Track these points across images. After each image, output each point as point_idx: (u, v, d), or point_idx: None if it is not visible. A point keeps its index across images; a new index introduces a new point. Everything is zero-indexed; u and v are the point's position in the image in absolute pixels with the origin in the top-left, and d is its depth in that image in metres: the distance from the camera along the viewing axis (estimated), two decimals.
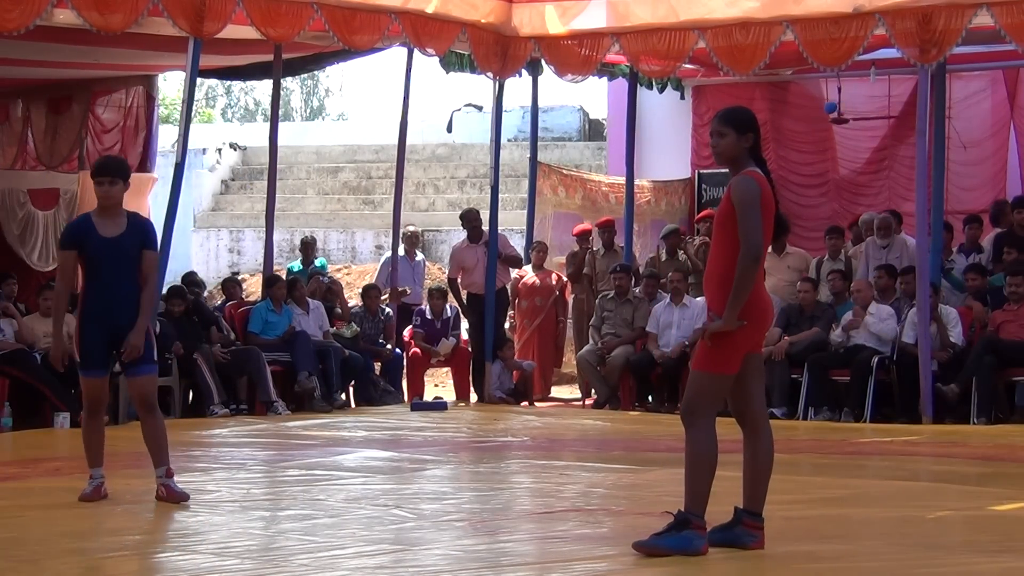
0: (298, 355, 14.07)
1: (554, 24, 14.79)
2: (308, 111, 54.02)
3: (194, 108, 16.23)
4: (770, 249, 15.27)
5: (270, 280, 14.87)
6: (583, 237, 16.47)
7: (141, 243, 7.81)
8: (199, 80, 18.39)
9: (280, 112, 16.05)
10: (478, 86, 35.02)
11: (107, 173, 7.77)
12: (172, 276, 14.74)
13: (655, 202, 17.98)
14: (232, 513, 7.59)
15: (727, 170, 6.42)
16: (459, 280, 16.03)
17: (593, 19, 14.59)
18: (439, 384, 17.96)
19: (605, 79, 17.31)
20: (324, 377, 14.22)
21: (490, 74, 15.28)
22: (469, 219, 15.90)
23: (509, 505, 8.09)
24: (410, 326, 15.69)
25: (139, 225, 7.88)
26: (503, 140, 17.15)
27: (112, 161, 8.04)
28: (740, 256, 6.07)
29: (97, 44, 13.54)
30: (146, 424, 7.96)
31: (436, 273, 21.37)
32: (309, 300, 14.86)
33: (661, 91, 17.53)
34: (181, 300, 13.91)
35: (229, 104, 52.90)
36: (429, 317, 15.64)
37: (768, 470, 6.29)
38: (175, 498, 7.81)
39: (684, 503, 6.13)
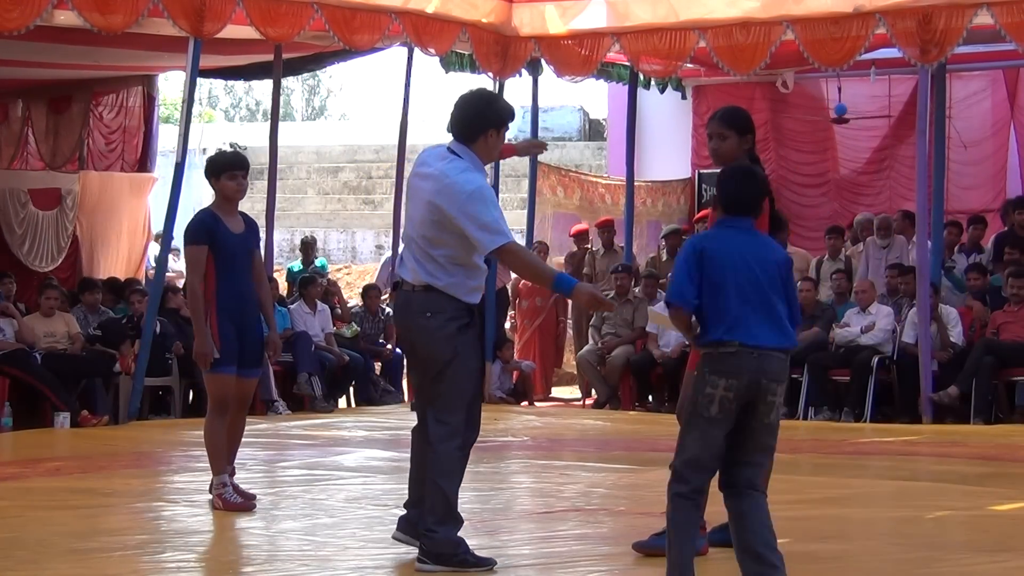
0: (298, 356, 14.08)
1: (554, 24, 14.78)
2: (309, 111, 54.01)
3: (195, 109, 16.22)
4: None
5: None
6: (581, 237, 16.46)
7: (255, 243, 7.82)
8: (200, 80, 18.38)
9: (280, 112, 16.05)
10: (478, 86, 34.76)
11: (243, 167, 7.69)
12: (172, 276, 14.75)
13: (651, 203, 17.98)
14: (232, 513, 7.59)
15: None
16: None
17: (593, 19, 14.59)
18: None
19: (603, 79, 17.30)
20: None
21: (490, 74, 15.28)
22: None
23: (509, 505, 8.09)
24: None
25: (252, 224, 7.83)
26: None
27: (242, 156, 7.91)
28: None
29: (97, 44, 13.54)
30: (236, 422, 7.75)
31: None
32: (317, 302, 14.88)
33: (662, 91, 17.53)
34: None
35: (232, 104, 52.90)
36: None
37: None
38: (244, 497, 7.67)
39: None
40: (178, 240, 15.98)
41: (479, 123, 5.98)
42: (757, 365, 5.04)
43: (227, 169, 7.64)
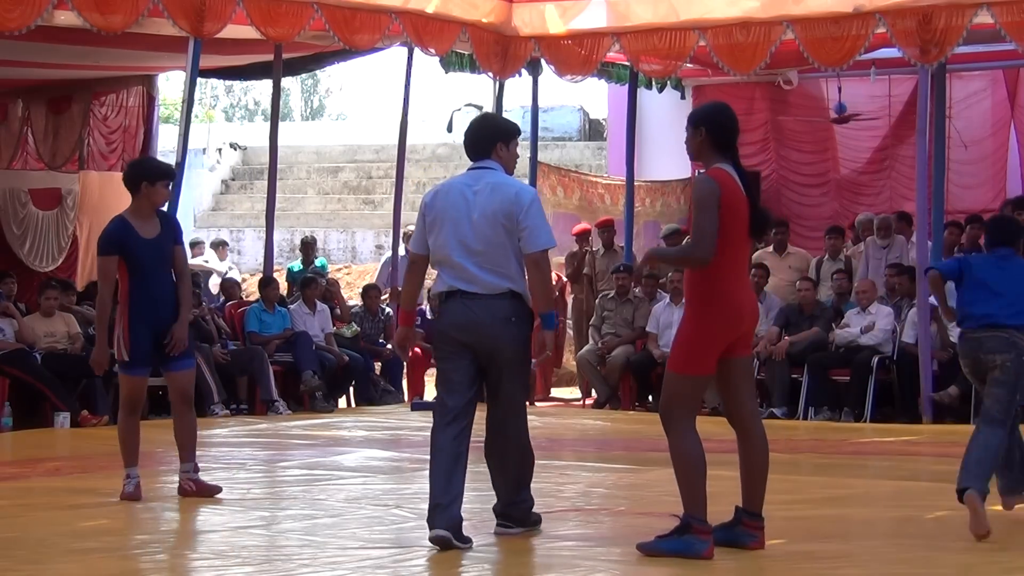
0: (300, 355, 14.09)
1: (554, 24, 14.78)
2: (308, 111, 54.00)
3: (196, 109, 16.23)
4: (771, 249, 15.34)
5: (265, 281, 14.89)
6: (582, 237, 16.46)
7: (173, 240, 8.03)
8: (200, 80, 18.38)
9: (280, 112, 16.05)
10: (478, 86, 34.90)
11: (171, 176, 8.07)
12: None
13: (649, 203, 17.97)
14: (232, 513, 7.59)
15: None
16: None
17: (593, 19, 14.59)
18: None
19: (604, 80, 17.30)
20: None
21: (490, 74, 15.28)
22: None
23: None
24: None
25: (170, 222, 8.10)
26: None
27: (169, 164, 8.31)
28: (687, 249, 6.35)
29: (97, 44, 13.53)
30: (182, 419, 8.12)
31: None
32: (317, 302, 14.88)
33: (660, 91, 17.52)
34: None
35: (232, 104, 52.89)
36: (429, 317, 15.63)
37: (763, 470, 6.27)
38: (207, 491, 7.93)
39: (683, 507, 6.11)
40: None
41: (488, 138, 6.70)
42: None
43: (163, 177, 8.00)
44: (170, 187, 8.11)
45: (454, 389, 6.63)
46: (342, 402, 14.87)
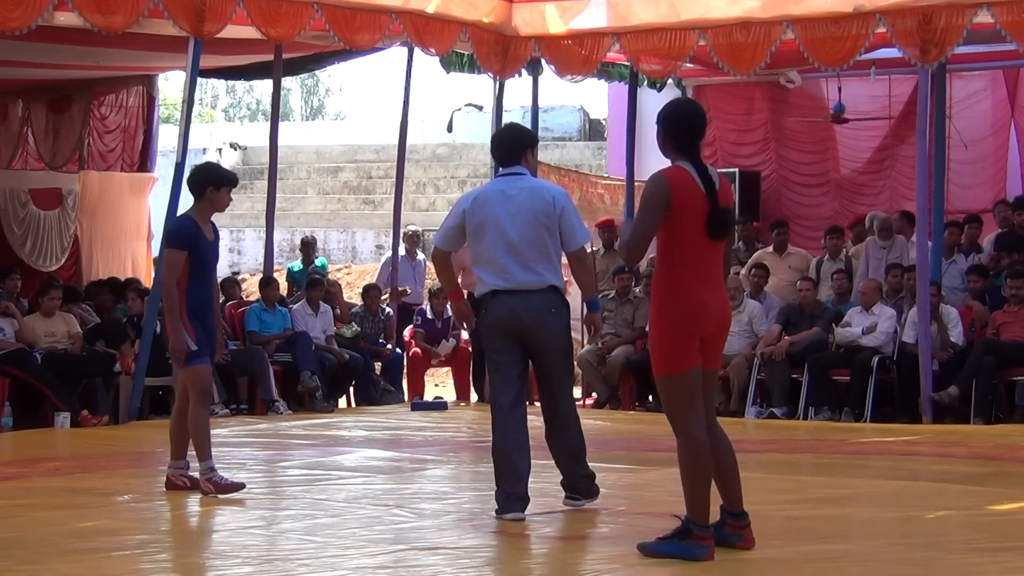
0: (299, 355, 14.09)
1: (555, 24, 14.78)
2: (308, 111, 54.01)
3: (196, 109, 16.23)
4: (771, 249, 15.34)
5: (265, 281, 14.90)
6: None
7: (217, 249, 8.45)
8: (201, 80, 18.38)
9: (280, 112, 16.05)
10: (478, 86, 35.00)
11: (235, 183, 8.41)
12: None
13: None
14: (232, 513, 7.60)
15: (724, 167, 6.45)
16: (459, 280, 15.97)
17: (593, 19, 14.58)
18: (439, 384, 17.96)
19: (603, 80, 17.30)
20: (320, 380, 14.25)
21: (491, 74, 15.28)
22: None
23: None
24: (410, 326, 15.69)
25: (217, 231, 8.42)
26: None
27: (234, 173, 8.57)
28: (621, 242, 6.76)
29: (98, 44, 13.54)
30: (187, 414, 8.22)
31: None
32: (320, 303, 14.88)
33: (660, 90, 17.50)
34: None
35: (233, 104, 52.90)
36: (430, 317, 15.64)
37: (733, 471, 6.22)
38: (198, 487, 8.04)
39: (686, 510, 6.10)
40: None
41: (519, 146, 7.39)
42: None
43: (228, 184, 8.30)
44: (231, 195, 8.42)
45: (507, 381, 7.27)
46: (342, 402, 14.86)
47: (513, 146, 7.41)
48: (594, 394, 15.01)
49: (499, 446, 7.25)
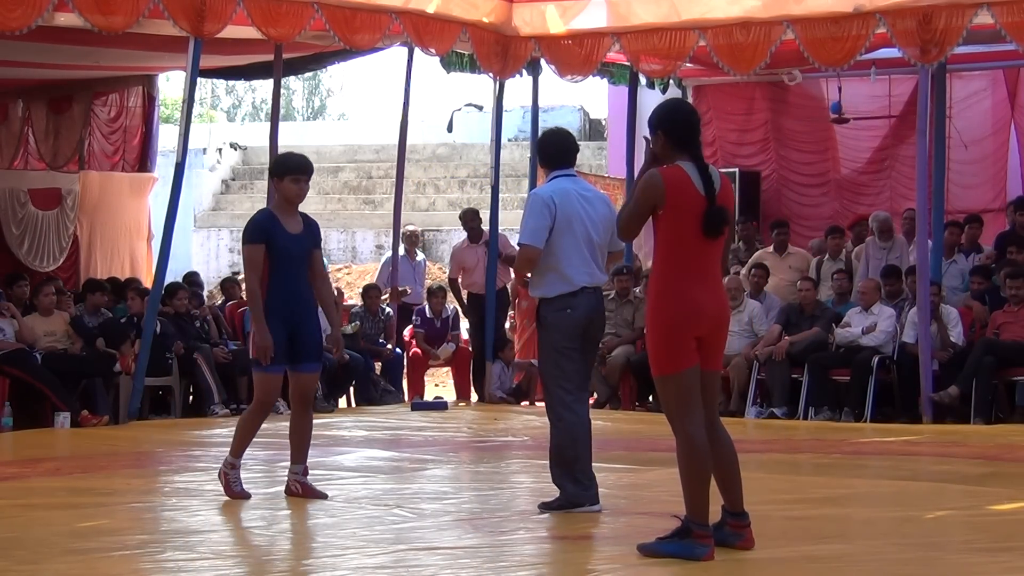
0: None
1: (555, 24, 14.78)
2: (309, 111, 54.01)
3: (196, 109, 16.22)
4: (771, 249, 15.34)
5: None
6: None
7: (314, 243, 8.07)
8: (201, 80, 18.38)
9: (281, 112, 16.04)
10: (478, 86, 34.96)
11: (306, 171, 8.02)
12: (172, 276, 14.74)
13: None
14: (232, 513, 7.60)
15: (724, 167, 6.45)
16: (459, 280, 16.02)
17: (593, 19, 14.58)
18: (439, 384, 17.96)
19: (606, 79, 17.30)
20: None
21: (491, 74, 15.28)
22: (467, 219, 15.90)
23: (509, 505, 8.09)
24: (410, 326, 15.70)
25: (312, 225, 8.12)
26: (503, 140, 17.14)
27: (307, 160, 8.19)
28: None
29: (98, 44, 13.53)
30: (299, 419, 8.23)
31: (436, 273, 21.36)
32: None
33: (663, 90, 17.50)
34: (185, 295, 14.02)
35: (234, 104, 52.91)
36: (429, 316, 15.64)
37: (734, 470, 6.23)
38: (313, 494, 7.95)
39: (686, 510, 6.10)
40: (178, 240, 16.06)
41: (575, 148, 7.72)
42: None
43: (291, 172, 7.96)
44: (306, 182, 8.05)
45: (581, 378, 7.61)
46: (342, 402, 14.86)
47: (573, 148, 7.69)
48: (594, 394, 15.01)
49: (573, 442, 7.42)
